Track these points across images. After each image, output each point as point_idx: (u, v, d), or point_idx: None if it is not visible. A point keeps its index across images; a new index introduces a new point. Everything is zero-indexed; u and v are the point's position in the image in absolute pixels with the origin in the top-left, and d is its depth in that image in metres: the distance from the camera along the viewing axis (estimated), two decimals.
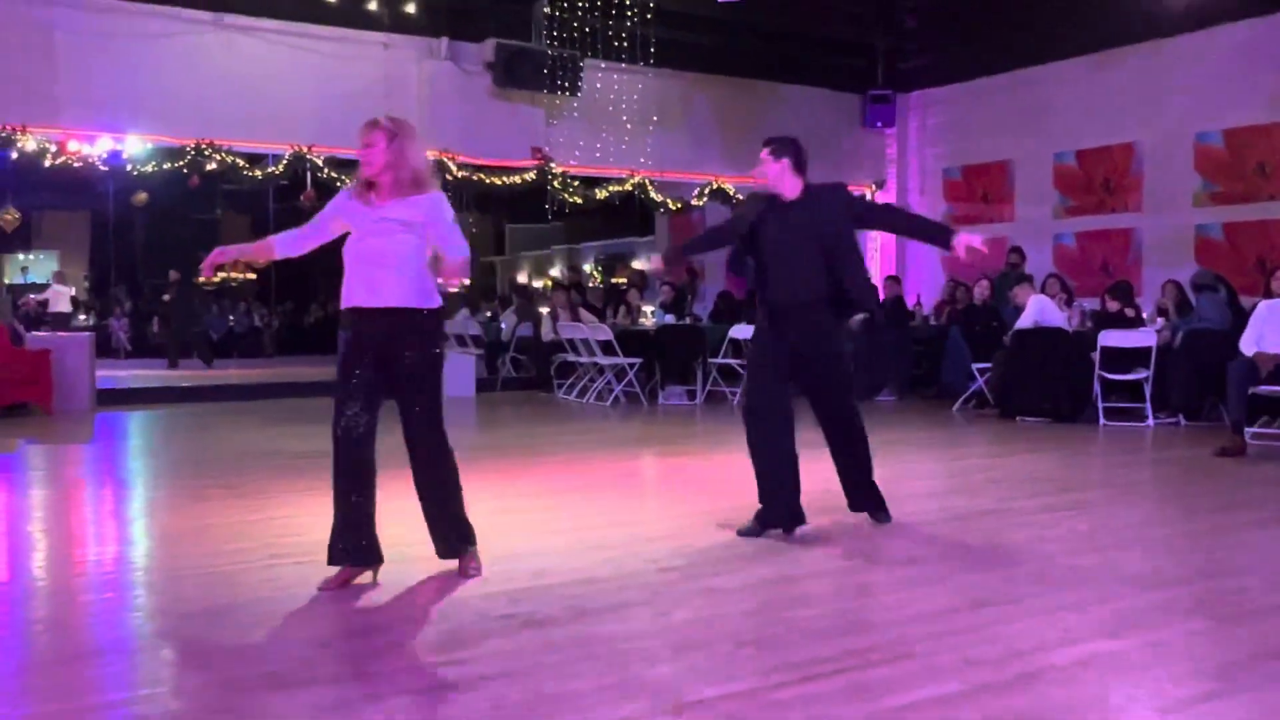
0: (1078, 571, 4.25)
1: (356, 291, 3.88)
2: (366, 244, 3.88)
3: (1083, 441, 8.44)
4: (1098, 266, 13.58)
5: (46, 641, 3.46)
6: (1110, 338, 9.29)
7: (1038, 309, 9.87)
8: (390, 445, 4.05)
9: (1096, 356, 9.32)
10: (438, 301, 3.99)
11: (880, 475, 5.06)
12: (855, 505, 5.07)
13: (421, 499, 4.07)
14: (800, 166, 4.82)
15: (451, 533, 4.07)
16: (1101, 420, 9.29)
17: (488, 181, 12.98)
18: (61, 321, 15.26)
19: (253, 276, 22.24)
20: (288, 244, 4.11)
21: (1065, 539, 4.85)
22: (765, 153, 4.84)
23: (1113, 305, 9.84)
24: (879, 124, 15.51)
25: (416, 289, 3.89)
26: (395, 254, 3.86)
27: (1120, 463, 7.58)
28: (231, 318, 21.48)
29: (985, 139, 14.76)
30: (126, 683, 3.06)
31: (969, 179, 15.20)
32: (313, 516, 4.87)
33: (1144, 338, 9.30)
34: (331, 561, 3.90)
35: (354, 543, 3.89)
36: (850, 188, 5.06)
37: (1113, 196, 13.52)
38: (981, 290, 11.33)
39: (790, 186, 4.81)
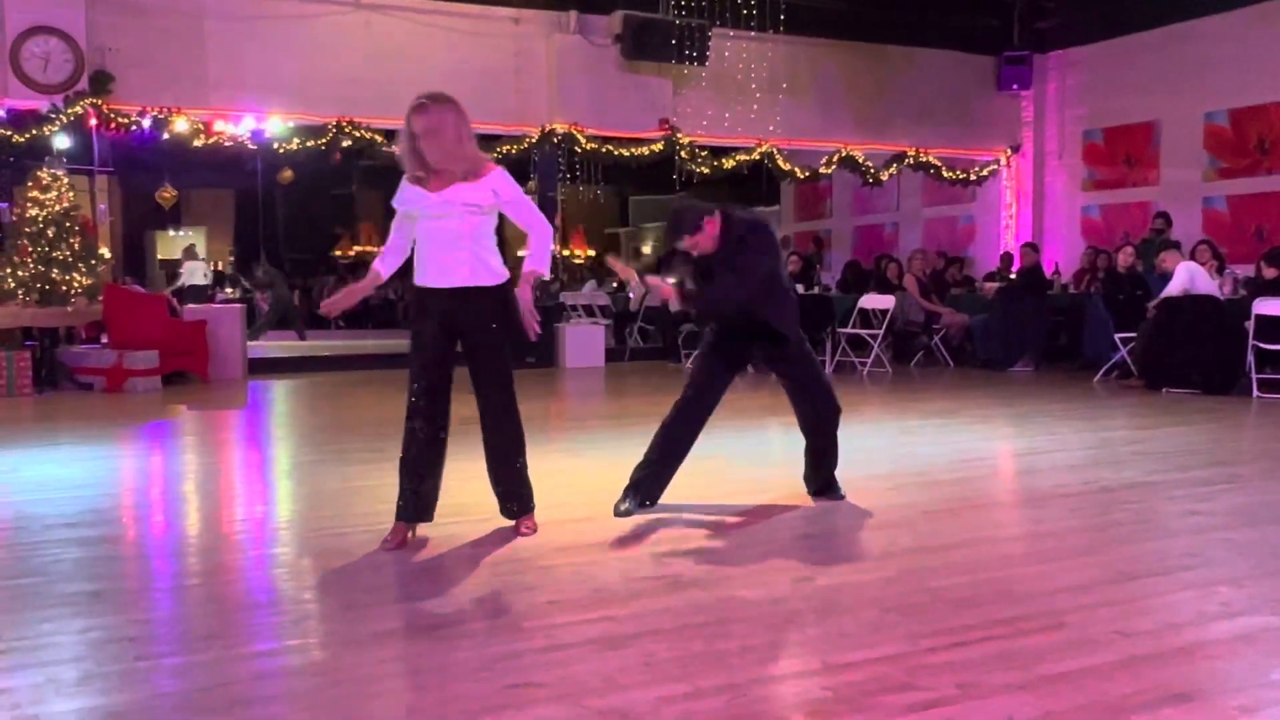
0: (1234, 546, 4.11)
1: (427, 272, 4.07)
2: (434, 225, 4.02)
3: (1235, 414, 8.10)
4: (1250, 232, 12.91)
5: (201, 593, 3.64)
6: (1266, 306, 8.88)
7: (1188, 276, 9.48)
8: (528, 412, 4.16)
9: (1250, 326, 8.92)
10: (505, 275, 4.13)
11: (1018, 447, 4.96)
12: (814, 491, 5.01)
13: (488, 458, 4.28)
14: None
15: (511, 493, 4.28)
16: (1255, 392, 8.90)
17: (615, 153, 13.06)
18: (196, 295, 15.77)
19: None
20: (389, 262, 4.22)
21: (1219, 513, 4.68)
22: (707, 220, 4.53)
23: (1270, 272, 9.40)
24: (1014, 86, 14.98)
25: (485, 267, 4.06)
26: (464, 235, 4.01)
27: (1276, 436, 7.24)
28: None
29: (1129, 99, 14.13)
30: (276, 634, 3.20)
31: (1111, 141, 14.60)
32: (458, 480, 5.04)
33: None
34: (398, 518, 4.15)
35: (410, 501, 4.13)
36: (983, 152, 4.87)
37: (1269, 158, 12.81)
38: (1125, 257, 10.93)
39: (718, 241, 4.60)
